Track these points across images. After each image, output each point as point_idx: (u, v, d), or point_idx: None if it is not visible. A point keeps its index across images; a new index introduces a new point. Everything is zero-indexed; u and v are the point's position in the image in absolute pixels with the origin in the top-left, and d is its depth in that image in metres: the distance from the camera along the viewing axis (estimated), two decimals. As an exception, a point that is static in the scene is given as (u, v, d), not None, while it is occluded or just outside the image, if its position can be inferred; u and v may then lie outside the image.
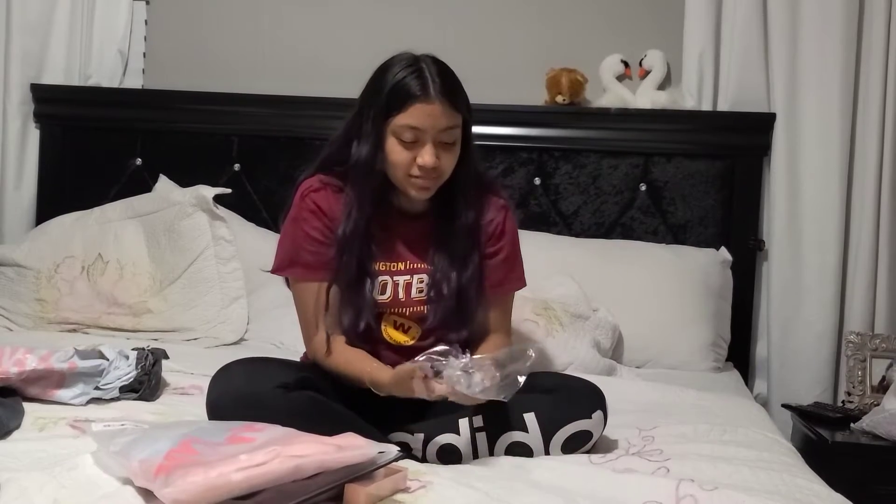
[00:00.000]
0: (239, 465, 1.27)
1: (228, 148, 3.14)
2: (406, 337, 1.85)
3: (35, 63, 3.21)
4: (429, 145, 1.74)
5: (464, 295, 1.83)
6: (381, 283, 1.83)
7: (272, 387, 1.62)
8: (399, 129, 1.75)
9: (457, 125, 1.78)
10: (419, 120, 1.74)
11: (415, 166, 1.76)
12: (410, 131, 1.74)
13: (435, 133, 1.75)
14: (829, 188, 2.84)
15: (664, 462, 1.63)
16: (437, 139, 1.75)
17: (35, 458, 1.52)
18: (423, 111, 1.73)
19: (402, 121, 1.74)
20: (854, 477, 2.21)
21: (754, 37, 2.88)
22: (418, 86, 1.74)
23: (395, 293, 1.83)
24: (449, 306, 1.83)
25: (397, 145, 1.76)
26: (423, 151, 1.75)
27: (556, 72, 2.97)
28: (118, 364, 1.97)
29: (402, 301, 1.84)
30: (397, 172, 1.78)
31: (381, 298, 1.83)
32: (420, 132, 1.74)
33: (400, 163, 1.76)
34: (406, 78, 1.76)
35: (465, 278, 1.83)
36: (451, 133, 1.77)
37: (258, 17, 3.21)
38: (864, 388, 2.67)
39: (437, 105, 1.74)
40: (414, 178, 1.77)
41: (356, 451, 1.38)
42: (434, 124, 1.74)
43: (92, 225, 2.90)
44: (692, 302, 2.74)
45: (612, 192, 2.99)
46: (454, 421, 1.69)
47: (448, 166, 1.79)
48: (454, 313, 1.83)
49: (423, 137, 1.74)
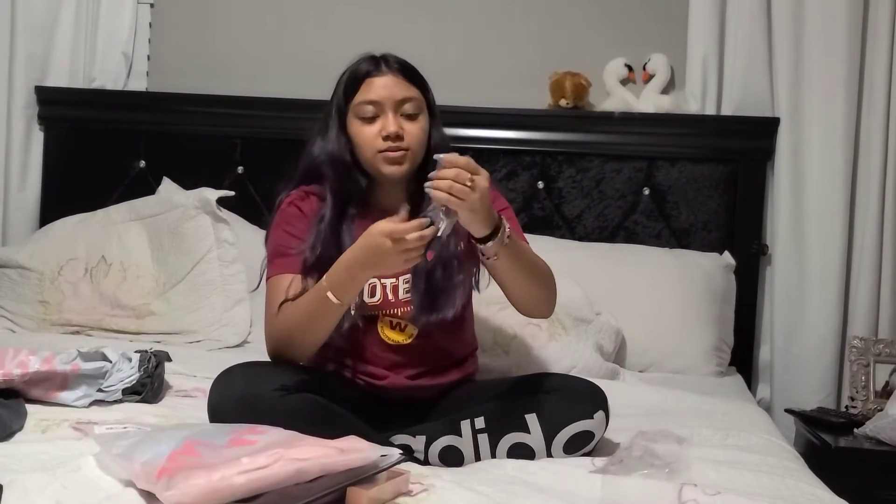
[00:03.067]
0: (241, 468, 1.27)
1: (232, 150, 3.14)
2: (404, 335, 1.84)
3: (39, 65, 3.21)
4: (390, 114, 1.78)
5: (436, 275, 1.81)
6: (370, 285, 1.82)
7: (272, 389, 1.62)
8: (359, 109, 1.80)
9: (415, 97, 1.81)
10: (374, 92, 1.79)
11: (380, 140, 1.77)
12: (369, 106, 1.79)
13: (393, 104, 1.78)
14: (832, 193, 2.84)
15: (668, 464, 1.63)
16: (397, 110, 1.78)
17: (37, 459, 1.52)
18: (377, 84, 1.79)
19: (359, 98, 1.80)
20: (857, 482, 2.21)
21: (758, 41, 2.88)
22: (370, 64, 1.82)
23: (385, 295, 1.83)
24: (424, 291, 1.81)
25: (360, 126, 1.80)
26: (386, 122, 1.77)
27: (559, 75, 2.97)
28: (121, 366, 1.97)
29: (393, 302, 1.83)
30: (366, 152, 1.80)
31: (372, 301, 1.82)
32: (378, 105, 1.78)
33: (366, 141, 1.79)
34: (359, 63, 1.84)
35: (436, 259, 1.80)
36: (412, 104, 1.80)
37: (262, 20, 3.21)
38: (868, 393, 2.67)
39: (390, 77, 1.80)
40: (383, 154, 1.78)
41: (358, 454, 1.38)
42: (390, 94, 1.78)
43: (95, 227, 2.90)
44: (695, 306, 2.73)
45: (616, 196, 2.99)
46: (456, 423, 1.69)
47: (415, 137, 1.80)
48: (433, 296, 1.81)
49: (383, 109, 1.78)
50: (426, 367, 1.85)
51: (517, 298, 1.81)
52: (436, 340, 1.85)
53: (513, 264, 1.71)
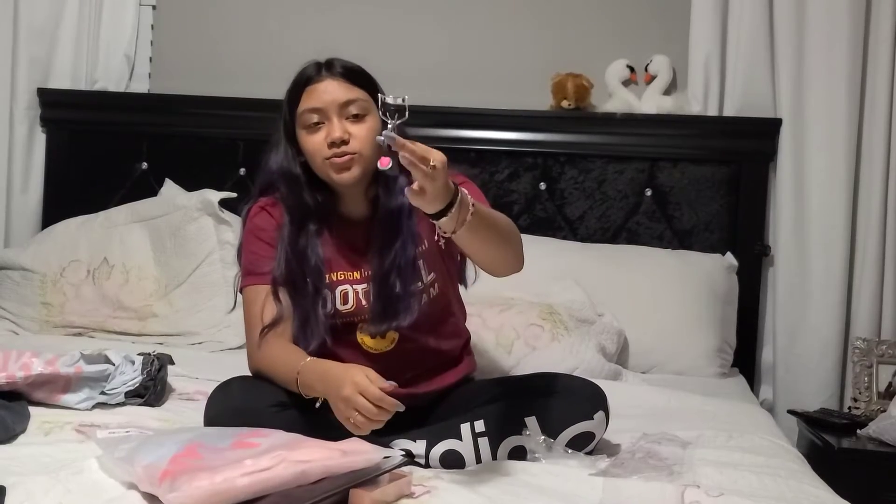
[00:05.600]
0: (244, 470, 1.28)
1: (234, 152, 3.14)
2: (385, 342, 1.80)
3: (42, 68, 3.21)
4: (334, 119, 1.74)
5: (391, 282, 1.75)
6: (342, 292, 1.79)
7: (269, 405, 1.62)
8: (303, 118, 1.77)
9: (359, 98, 1.76)
10: (316, 99, 1.75)
11: (326, 147, 1.74)
12: (313, 114, 1.76)
13: (336, 108, 1.75)
14: (835, 193, 2.83)
15: (670, 466, 1.63)
16: (342, 114, 1.75)
17: (41, 462, 1.52)
18: (317, 90, 1.76)
19: (303, 107, 1.77)
20: (861, 484, 2.20)
21: (760, 42, 2.88)
22: (311, 70, 1.79)
23: (358, 301, 1.79)
24: (379, 299, 1.76)
25: (307, 135, 1.77)
26: (330, 127, 1.74)
27: (561, 77, 2.97)
28: (124, 369, 1.97)
29: (366, 308, 1.79)
30: (316, 160, 1.77)
31: (345, 308, 1.79)
32: (322, 112, 1.75)
33: (314, 149, 1.76)
34: (301, 71, 1.80)
35: (389, 263, 1.75)
36: (356, 105, 1.75)
37: (264, 22, 3.21)
38: (871, 394, 2.66)
39: (330, 81, 1.76)
40: (331, 161, 1.74)
41: (361, 456, 1.38)
42: (332, 99, 1.75)
43: (98, 229, 2.91)
44: (698, 307, 2.73)
45: (618, 198, 2.99)
46: (455, 426, 1.68)
47: (363, 138, 1.74)
48: (389, 303, 1.75)
49: (327, 115, 1.75)
50: (417, 370, 1.82)
51: (486, 263, 1.71)
52: (420, 342, 1.81)
53: (475, 233, 1.58)
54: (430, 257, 1.81)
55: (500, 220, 1.67)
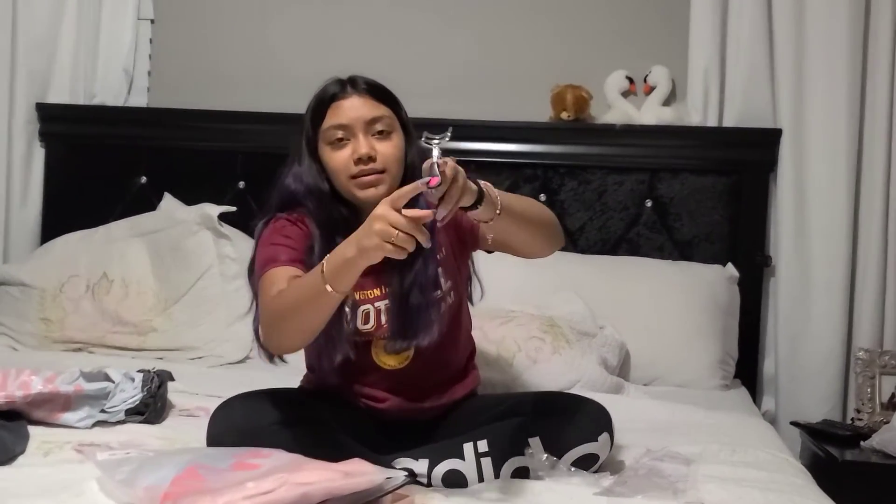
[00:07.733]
0: (246, 493, 1.27)
1: (233, 166, 3.13)
2: (399, 358, 1.79)
3: (40, 82, 3.21)
4: (360, 136, 1.73)
5: (412, 300, 1.72)
6: (364, 312, 1.77)
7: (271, 423, 1.61)
8: (328, 135, 1.75)
9: (384, 115, 1.75)
10: (341, 115, 1.74)
11: (352, 164, 1.72)
12: (338, 130, 1.74)
13: (362, 125, 1.73)
14: (836, 203, 2.83)
15: (673, 484, 1.62)
16: (367, 131, 1.73)
17: (40, 484, 1.51)
18: (343, 107, 1.75)
19: (327, 124, 1.75)
20: (864, 496, 2.20)
21: (760, 52, 2.88)
22: (335, 87, 1.77)
23: (378, 321, 1.77)
24: (399, 316, 1.74)
25: (331, 151, 1.75)
26: (357, 144, 1.72)
27: (560, 88, 2.97)
28: (124, 386, 1.96)
29: (385, 327, 1.78)
30: (340, 178, 1.75)
31: (365, 328, 1.77)
32: (347, 129, 1.74)
33: (339, 167, 1.74)
34: (325, 87, 1.79)
35: (410, 282, 1.72)
36: (382, 122, 1.74)
37: (263, 36, 3.21)
38: (874, 405, 2.65)
39: (355, 98, 1.75)
40: (357, 179, 1.73)
41: (363, 477, 1.37)
42: (358, 116, 1.73)
43: (97, 243, 2.90)
44: (699, 319, 2.72)
45: (618, 209, 2.98)
46: (458, 446, 1.66)
47: (389, 156, 1.73)
48: (409, 322, 1.73)
49: (353, 132, 1.73)
50: (426, 385, 1.82)
51: (526, 248, 1.73)
52: (432, 359, 1.80)
53: (510, 219, 1.61)
54: (447, 265, 1.81)
55: (526, 201, 1.72)
